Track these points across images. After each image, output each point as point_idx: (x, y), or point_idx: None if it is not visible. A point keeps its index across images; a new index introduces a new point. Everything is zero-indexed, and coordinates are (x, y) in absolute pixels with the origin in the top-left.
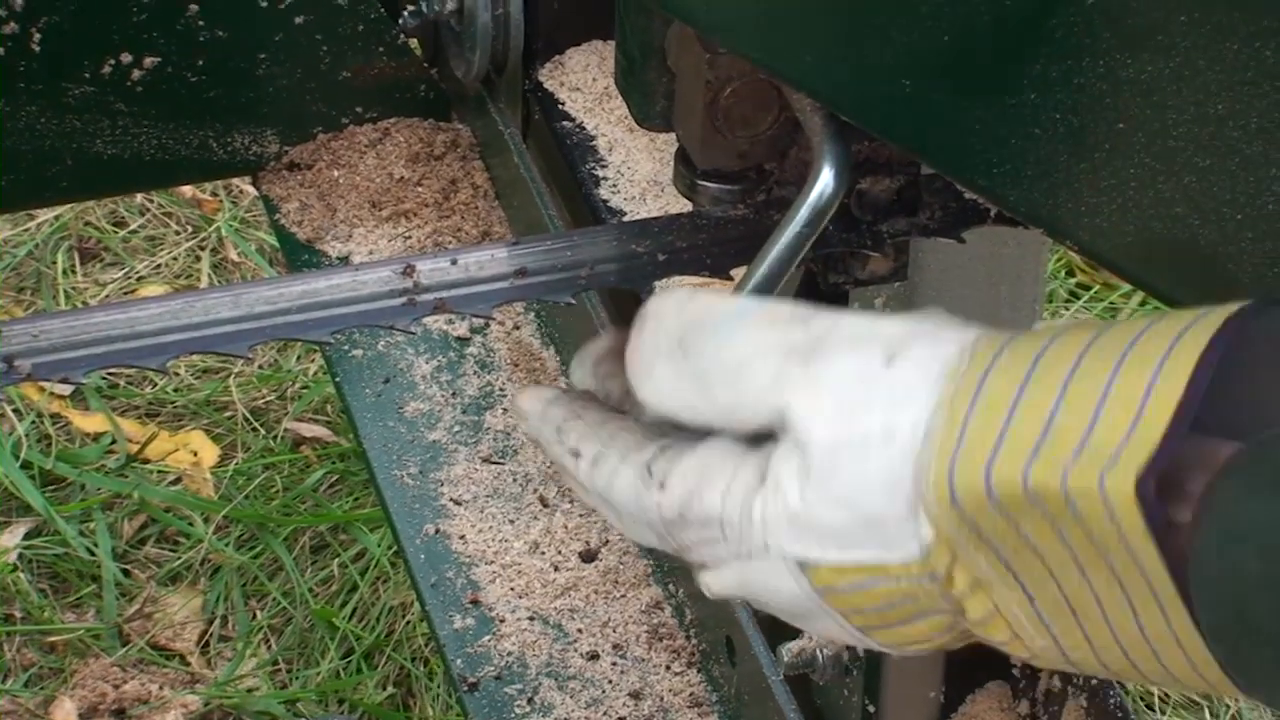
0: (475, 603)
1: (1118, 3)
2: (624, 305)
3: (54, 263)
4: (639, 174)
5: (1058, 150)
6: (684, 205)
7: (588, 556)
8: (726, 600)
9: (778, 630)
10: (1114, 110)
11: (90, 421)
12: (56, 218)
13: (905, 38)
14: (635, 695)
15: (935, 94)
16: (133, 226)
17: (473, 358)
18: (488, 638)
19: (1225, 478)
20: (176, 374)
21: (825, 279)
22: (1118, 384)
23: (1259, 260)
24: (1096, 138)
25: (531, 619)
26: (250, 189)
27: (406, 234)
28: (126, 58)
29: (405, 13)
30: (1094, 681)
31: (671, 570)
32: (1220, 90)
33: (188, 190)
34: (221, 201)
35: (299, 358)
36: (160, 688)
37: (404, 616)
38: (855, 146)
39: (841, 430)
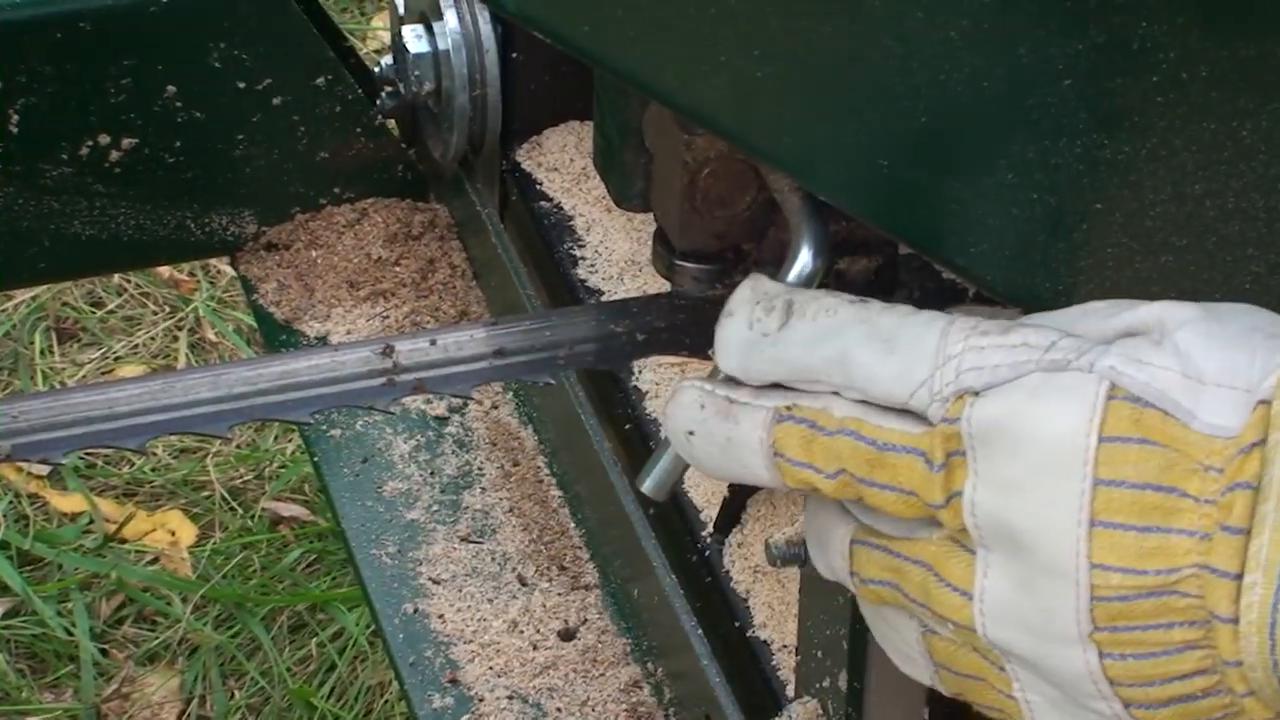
0: (454, 682)
1: (1094, 84)
2: (602, 385)
3: (31, 343)
4: (617, 254)
5: (1035, 230)
6: (662, 285)
7: (566, 635)
8: (705, 678)
9: (757, 709)
10: (1091, 190)
11: (68, 501)
12: (34, 298)
13: (883, 119)
14: None
15: (913, 174)
16: (110, 307)
17: (451, 437)
18: (467, 717)
19: None
20: (154, 453)
21: None
22: None
23: None
24: (1074, 218)
25: (510, 698)
26: (228, 269)
27: (384, 314)
28: (104, 139)
29: (383, 94)
30: None
31: (650, 649)
32: (1197, 170)
33: (165, 270)
34: (199, 281)
35: (276, 437)
36: None
37: (382, 696)
38: (833, 226)
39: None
